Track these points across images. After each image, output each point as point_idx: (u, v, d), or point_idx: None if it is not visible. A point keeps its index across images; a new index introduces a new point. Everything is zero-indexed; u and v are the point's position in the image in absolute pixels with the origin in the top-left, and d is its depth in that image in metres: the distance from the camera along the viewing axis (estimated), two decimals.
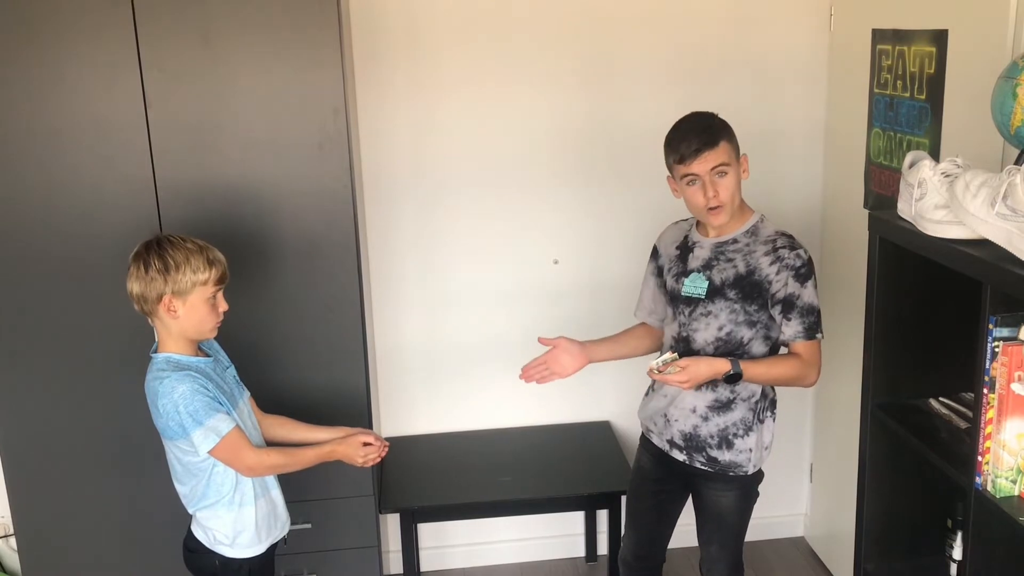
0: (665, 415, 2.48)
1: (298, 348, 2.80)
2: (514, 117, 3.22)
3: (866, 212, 2.73)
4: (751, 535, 3.62)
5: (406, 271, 3.33)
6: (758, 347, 2.37)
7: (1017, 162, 1.95)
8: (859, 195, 3.02)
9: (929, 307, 2.23)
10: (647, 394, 2.60)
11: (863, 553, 2.41)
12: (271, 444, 2.35)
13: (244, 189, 2.67)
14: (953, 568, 2.28)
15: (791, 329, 2.31)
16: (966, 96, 2.43)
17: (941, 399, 2.23)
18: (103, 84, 2.57)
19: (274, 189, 2.68)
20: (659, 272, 2.54)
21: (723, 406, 2.39)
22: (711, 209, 2.31)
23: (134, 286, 2.13)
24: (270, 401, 2.54)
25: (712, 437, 2.41)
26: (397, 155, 3.22)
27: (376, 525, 2.99)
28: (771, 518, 3.67)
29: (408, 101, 3.18)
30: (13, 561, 3.17)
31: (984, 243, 1.84)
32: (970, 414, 2.07)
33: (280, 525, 2.38)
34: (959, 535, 2.24)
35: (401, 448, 3.33)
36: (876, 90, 2.88)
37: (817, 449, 3.55)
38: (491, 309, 3.37)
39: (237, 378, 2.35)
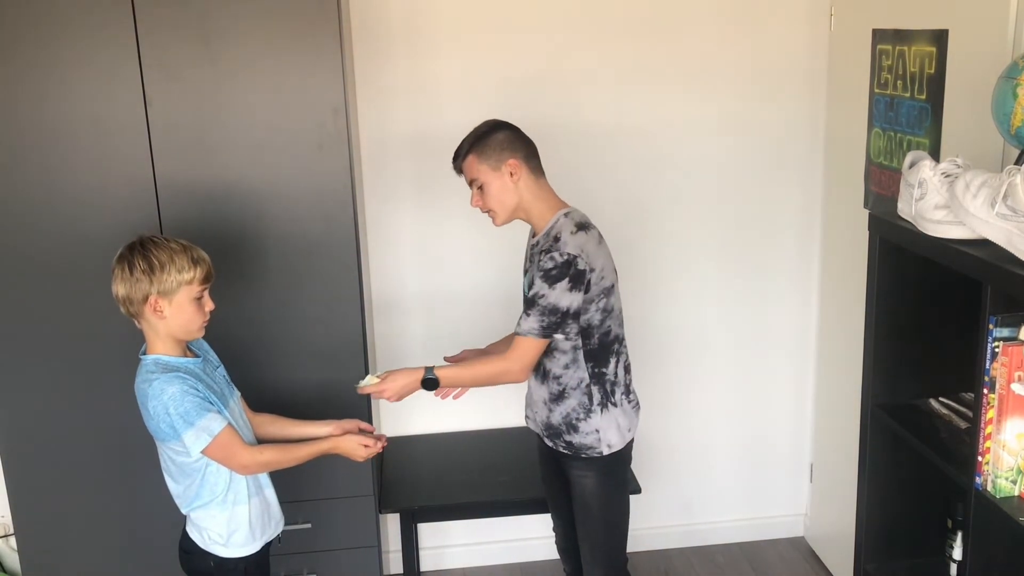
0: (532, 408, 2.59)
1: (298, 348, 2.80)
2: (513, 117, 3.22)
3: (866, 212, 2.73)
4: (751, 535, 3.67)
5: (406, 271, 3.33)
6: (563, 344, 2.40)
7: (1017, 162, 1.95)
8: (859, 195, 3.02)
9: (929, 307, 2.23)
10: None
11: (863, 553, 2.41)
12: (263, 442, 2.35)
13: (244, 189, 2.67)
14: (953, 568, 2.28)
15: (525, 324, 2.33)
16: (966, 96, 2.43)
17: (941, 399, 2.23)
18: (103, 84, 2.57)
19: (274, 189, 2.68)
20: None
21: (558, 397, 2.47)
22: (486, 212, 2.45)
23: (119, 288, 2.13)
24: (270, 401, 2.54)
25: (561, 424, 2.49)
26: (397, 155, 3.22)
27: (376, 525, 2.99)
28: (771, 518, 3.67)
29: (408, 101, 3.18)
30: (13, 561, 3.17)
31: (984, 243, 1.84)
32: (970, 414, 2.07)
33: (274, 524, 2.37)
34: (959, 535, 2.24)
35: (401, 448, 3.33)
36: (876, 90, 2.88)
37: (817, 449, 3.55)
38: (491, 308, 3.36)
39: (227, 377, 2.35)
